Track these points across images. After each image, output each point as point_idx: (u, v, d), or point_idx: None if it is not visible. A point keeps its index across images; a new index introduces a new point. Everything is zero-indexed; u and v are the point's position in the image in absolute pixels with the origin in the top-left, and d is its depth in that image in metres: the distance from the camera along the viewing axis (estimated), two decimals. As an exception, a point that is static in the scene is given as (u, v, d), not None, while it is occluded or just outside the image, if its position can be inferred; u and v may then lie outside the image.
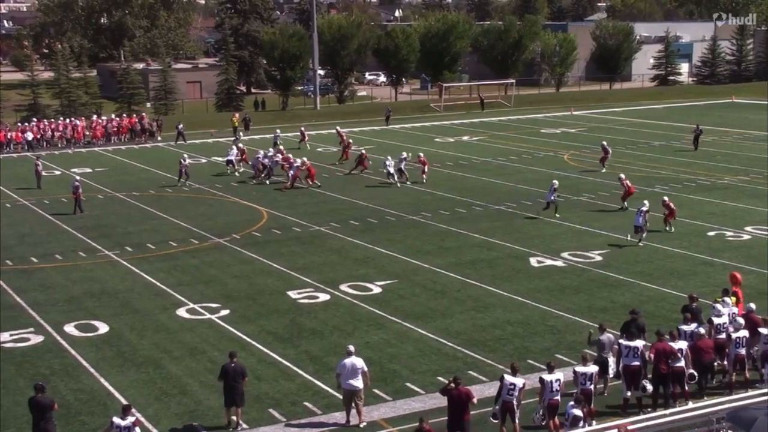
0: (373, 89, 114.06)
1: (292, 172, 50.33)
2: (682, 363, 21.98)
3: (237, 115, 78.71)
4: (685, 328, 23.37)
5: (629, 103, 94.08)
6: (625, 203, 43.18)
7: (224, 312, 29.81)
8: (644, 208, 37.30)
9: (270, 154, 53.71)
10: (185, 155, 54.73)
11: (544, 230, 40.13)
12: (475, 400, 19.92)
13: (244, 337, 27.48)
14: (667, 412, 19.46)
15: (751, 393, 20.05)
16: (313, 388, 23.68)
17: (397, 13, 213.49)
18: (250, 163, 54.63)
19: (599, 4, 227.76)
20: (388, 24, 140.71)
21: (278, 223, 42.12)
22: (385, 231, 40.49)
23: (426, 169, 51.32)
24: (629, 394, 22.27)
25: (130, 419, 18.81)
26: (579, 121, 79.94)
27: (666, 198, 40.24)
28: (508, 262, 35.38)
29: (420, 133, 72.07)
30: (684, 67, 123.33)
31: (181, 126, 68.89)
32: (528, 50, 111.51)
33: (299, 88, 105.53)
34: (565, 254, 35.93)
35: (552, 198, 42.27)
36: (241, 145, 58.56)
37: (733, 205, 44.20)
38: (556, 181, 43.43)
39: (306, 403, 22.71)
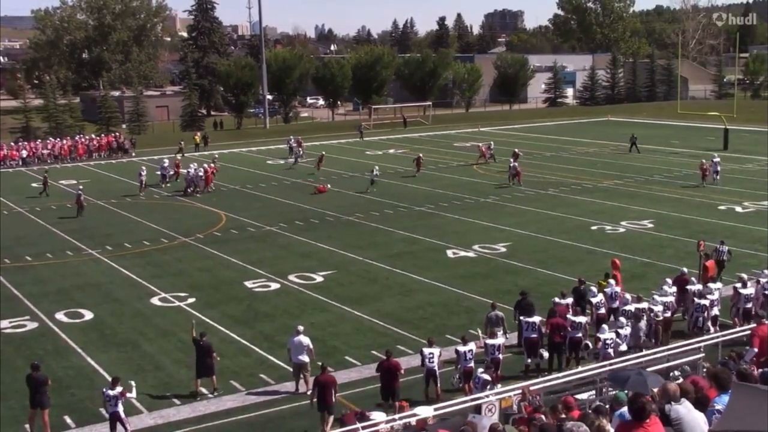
0: (314, 111, 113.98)
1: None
2: (580, 334, 22.37)
3: (199, 133, 78.04)
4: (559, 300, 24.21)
5: (526, 121, 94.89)
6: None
7: (191, 300, 29.52)
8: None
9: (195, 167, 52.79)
10: (143, 168, 53.69)
11: (458, 227, 40.32)
12: (401, 371, 20.12)
13: (208, 320, 27.21)
14: (561, 374, 19.62)
15: (628, 357, 20.31)
16: (267, 362, 23.57)
17: (332, 47, 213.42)
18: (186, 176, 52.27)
19: (500, 39, 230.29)
20: (325, 56, 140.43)
21: (235, 224, 41.78)
22: (325, 229, 40.38)
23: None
24: (529, 361, 22.54)
25: (118, 389, 18.88)
26: (485, 136, 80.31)
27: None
28: (429, 254, 35.47)
29: (354, 147, 72.03)
30: (569, 92, 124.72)
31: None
32: (442, 77, 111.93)
33: (251, 110, 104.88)
34: (475, 246, 36.13)
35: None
36: (177, 159, 58.23)
37: (611, 204, 44.81)
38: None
39: (261, 375, 22.61)
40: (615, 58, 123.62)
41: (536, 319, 22.66)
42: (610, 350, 21.51)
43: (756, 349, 17.65)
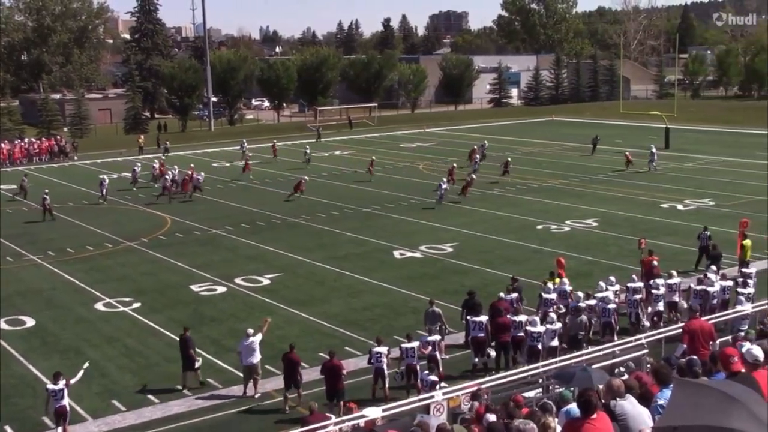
0: (259, 113, 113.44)
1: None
2: (521, 333, 22.59)
3: (142, 136, 77.16)
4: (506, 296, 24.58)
5: (471, 122, 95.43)
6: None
7: (136, 305, 29.16)
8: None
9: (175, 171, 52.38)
10: (104, 176, 52.78)
11: (405, 227, 40.42)
12: (345, 372, 20.18)
13: (154, 325, 26.94)
14: (508, 372, 19.76)
15: (575, 354, 20.51)
16: (214, 366, 23.37)
17: (277, 49, 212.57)
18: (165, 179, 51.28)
19: (444, 40, 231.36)
20: (270, 58, 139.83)
21: (180, 228, 41.39)
22: (271, 232, 40.20)
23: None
24: (477, 360, 22.68)
25: (61, 383, 18.95)
26: (431, 137, 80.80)
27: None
28: (376, 255, 35.50)
29: (300, 149, 71.73)
30: (514, 92, 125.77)
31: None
32: (387, 79, 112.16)
33: (196, 112, 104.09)
34: (422, 247, 36.23)
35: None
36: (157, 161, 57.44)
37: (556, 203, 45.26)
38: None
39: (208, 379, 22.41)
40: (558, 59, 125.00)
41: (483, 318, 22.85)
42: (539, 344, 21.97)
43: (685, 345, 17.93)
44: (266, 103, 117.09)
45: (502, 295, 24.63)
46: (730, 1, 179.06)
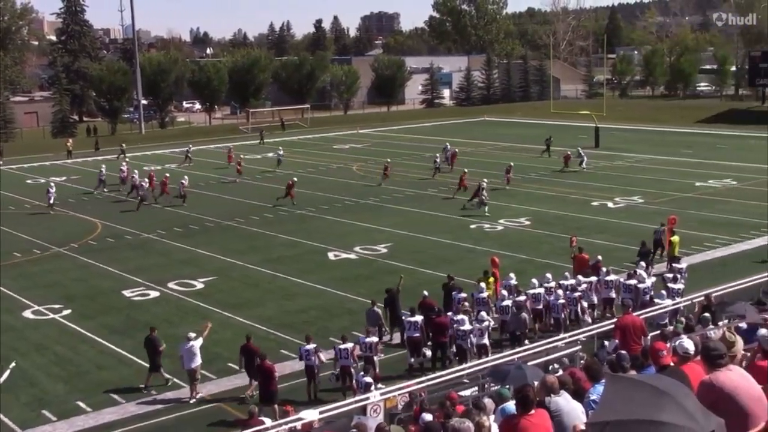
0: (190, 115, 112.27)
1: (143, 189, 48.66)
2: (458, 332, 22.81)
3: (71, 140, 75.73)
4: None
5: (404, 122, 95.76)
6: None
7: (66, 312, 28.64)
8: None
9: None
10: (52, 183, 51.30)
11: (339, 229, 40.38)
12: (276, 374, 20.15)
13: (85, 332, 26.50)
14: (444, 372, 19.89)
15: (510, 351, 20.74)
16: (147, 372, 23.04)
17: (208, 51, 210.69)
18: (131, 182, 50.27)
19: (376, 42, 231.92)
20: (201, 60, 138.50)
21: (111, 233, 40.76)
22: (204, 235, 39.83)
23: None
24: (413, 360, 22.79)
25: None
26: (364, 138, 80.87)
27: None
28: (310, 256, 35.41)
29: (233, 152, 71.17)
30: (446, 93, 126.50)
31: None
32: (320, 80, 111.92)
33: (126, 115, 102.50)
34: (357, 248, 36.25)
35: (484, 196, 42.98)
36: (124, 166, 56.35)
37: (489, 202, 45.53)
38: (484, 181, 44.23)
39: (142, 386, 22.10)
40: (490, 59, 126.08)
41: (418, 318, 22.97)
42: (467, 343, 22.24)
43: (617, 341, 18.24)
44: (198, 106, 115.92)
45: (426, 293, 24.88)
46: (656, 3, 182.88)
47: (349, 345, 21.12)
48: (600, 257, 28.50)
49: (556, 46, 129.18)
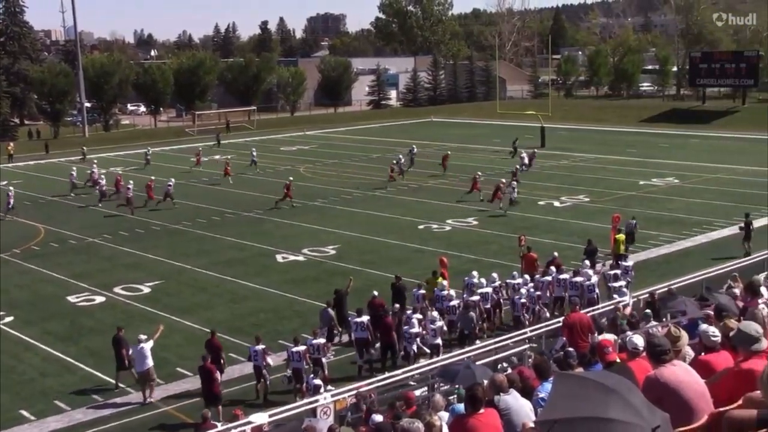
0: (135, 118, 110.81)
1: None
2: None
3: (12, 144, 74.43)
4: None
5: (351, 124, 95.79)
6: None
7: (8, 319, 28.12)
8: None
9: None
10: (11, 188, 50.11)
11: (287, 231, 40.23)
12: (217, 376, 20.06)
13: (28, 339, 26.04)
14: (396, 372, 19.93)
15: (459, 351, 20.83)
16: (93, 379, 22.79)
17: (152, 53, 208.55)
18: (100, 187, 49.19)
19: (322, 43, 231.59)
20: (145, 62, 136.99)
21: (55, 237, 40.12)
22: (151, 239, 39.40)
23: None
24: (360, 361, 22.85)
25: None
26: (311, 139, 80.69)
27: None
28: (258, 259, 35.23)
29: (178, 155, 70.52)
30: (393, 94, 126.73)
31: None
32: (266, 82, 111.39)
33: (69, 118, 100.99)
34: (305, 250, 36.15)
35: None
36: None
37: (436, 203, 45.82)
38: (502, 181, 44.67)
39: (88, 393, 21.85)
40: (436, 60, 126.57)
41: (364, 318, 23.06)
42: (413, 345, 22.36)
43: (565, 338, 18.44)
44: (142, 108, 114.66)
45: (375, 293, 24.99)
46: (599, 4, 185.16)
47: (302, 348, 21.07)
48: (556, 253, 28.90)
49: (502, 46, 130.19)
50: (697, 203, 43.70)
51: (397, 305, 24.34)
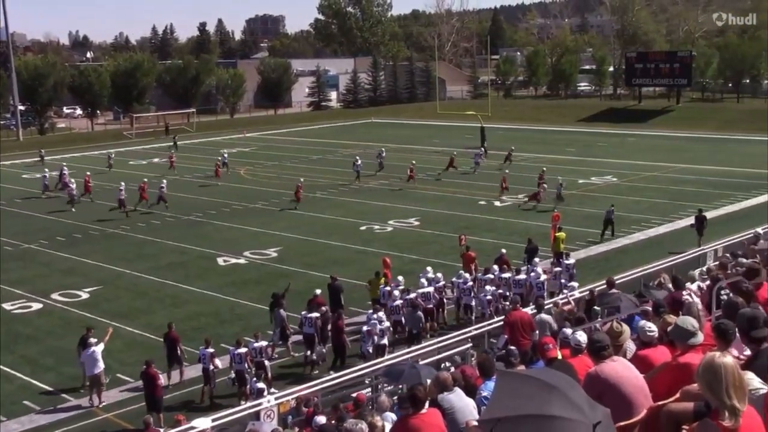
0: (71, 121, 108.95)
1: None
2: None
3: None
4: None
5: (292, 125, 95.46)
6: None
7: (-58, 327, 27.46)
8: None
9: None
10: None
11: (228, 234, 39.95)
12: (160, 382, 19.89)
13: (-37, 348, 25.43)
14: (340, 373, 19.95)
15: (403, 351, 20.88)
16: (31, 387, 22.35)
17: (88, 54, 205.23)
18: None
19: (262, 44, 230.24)
20: (81, 64, 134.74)
21: (-10, 244, 39.30)
22: (89, 244, 38.80)
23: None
24: (309, 353, 23.06)
25: None
26: (251, 141, 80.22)
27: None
28: (199, 263, 34.92)
29: (117, 158, 69.44)
30: (333, 95, 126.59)
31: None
32: (205, 84, 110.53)
33: (2, 122, 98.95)
34: (246, 253, 35.92)
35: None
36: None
37: (378, 204, 45.87)
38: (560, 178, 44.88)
39: (25, 402, 21.46)
40: (376, 61, 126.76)
41: (314, 315, 23.39)
42: (369, 346, 22.51)
43: (506, 336, 18.60)
44: (79, 111, 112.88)
45: (318, 292, 25.12)
46: (537, 5, 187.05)
47: (243, 350, 21.02)
48: (504, 250, 29.18)
49: (441, 47, 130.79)
50: (634, 201, 44.40)
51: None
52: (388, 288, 25.86)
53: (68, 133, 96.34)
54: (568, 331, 14.39)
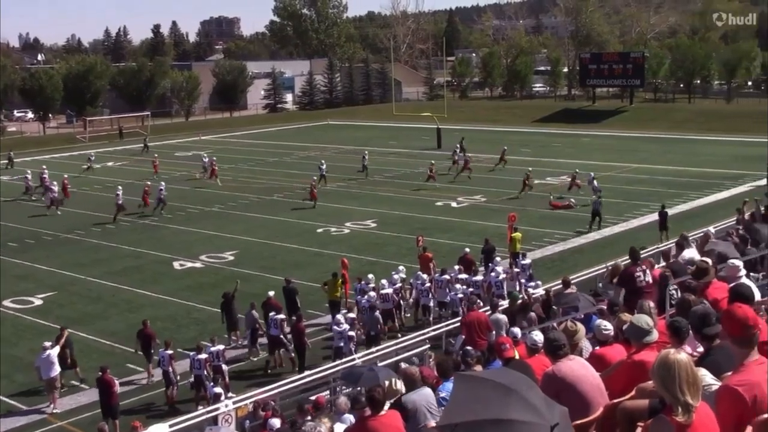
0: (23, 125, 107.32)
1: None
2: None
3: None
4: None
5: (247, 128, 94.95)
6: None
7: None
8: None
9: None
10: None
11: (184, 237, 39.65)
12: (116, 388, 19.72)
13: None
14: (299, 375, 19.94)
15: (361, 354, 20.87)
16: (-17, 396, 22.00)
17: (39, 57, 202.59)
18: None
19: (217, 46, 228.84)
20: (32, 66, 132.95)
21: (-61, 250, 38.57)
22: (42, 249, 38.26)
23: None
24: (275, 354, 23.07)
25: None
26: (207, 144, 79.64)
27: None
28: (155, 267, 34.62)
29: (69, 162, 68.58)
30: (289, 97, 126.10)
31: None
32: (159, 86, 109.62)
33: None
34: (203, 257, 35.68)
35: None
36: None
37: (335, 206, 45.76)
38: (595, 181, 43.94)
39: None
40: (332, 63, 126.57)
41: (280, 317, 23.42)
42: (342, 343, 22.40)
43: (464, 336, 18.68)
44: (30, 115, 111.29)
45: (271, 293, 25.11)
46: (492, 6, 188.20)
47: (203, 356, 20.84)
48: (468, 249, 29.33)
49: (397, 49, 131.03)
50: (590, 201, 44.71)
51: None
52: (360, 285, 25.89)
53: (19, 138, 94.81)
54: (517, 330, 14.56)
